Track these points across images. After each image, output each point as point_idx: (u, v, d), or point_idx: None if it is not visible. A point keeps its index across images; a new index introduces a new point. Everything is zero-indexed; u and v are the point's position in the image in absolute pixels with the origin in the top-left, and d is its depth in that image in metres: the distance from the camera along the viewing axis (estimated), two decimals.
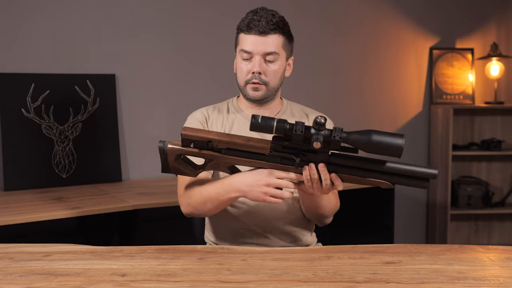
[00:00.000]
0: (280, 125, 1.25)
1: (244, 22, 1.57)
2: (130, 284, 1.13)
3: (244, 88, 1.60)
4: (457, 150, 3.56)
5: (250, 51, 1.55)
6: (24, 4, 2.67)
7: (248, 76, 1.58)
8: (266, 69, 1.57)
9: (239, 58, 1.60)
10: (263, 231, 1.62)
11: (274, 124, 1.26)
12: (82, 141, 2.77)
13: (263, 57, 1.56)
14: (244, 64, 1.58)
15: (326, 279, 1.15)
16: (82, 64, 2.80)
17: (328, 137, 1.25)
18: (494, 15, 3.77)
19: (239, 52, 1.59)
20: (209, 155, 1.36)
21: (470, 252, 1.37)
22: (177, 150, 1.37)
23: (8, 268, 1.24)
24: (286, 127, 1.26)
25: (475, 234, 3.81)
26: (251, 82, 1.57)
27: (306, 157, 1.31)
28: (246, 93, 1.60)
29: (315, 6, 3.36)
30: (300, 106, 1.74)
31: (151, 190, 2.60)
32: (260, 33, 1.54)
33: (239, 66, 1.60)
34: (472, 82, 3.70)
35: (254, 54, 1.56)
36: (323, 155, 1.30)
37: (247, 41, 1.56)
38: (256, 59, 1.55)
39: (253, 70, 1.56)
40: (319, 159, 1.31)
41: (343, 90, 3.50)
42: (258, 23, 1.54)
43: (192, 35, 3.05)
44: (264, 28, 1.54)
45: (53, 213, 2.13)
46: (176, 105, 3.02)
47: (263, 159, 1.34)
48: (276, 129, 1.26)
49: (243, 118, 1.66)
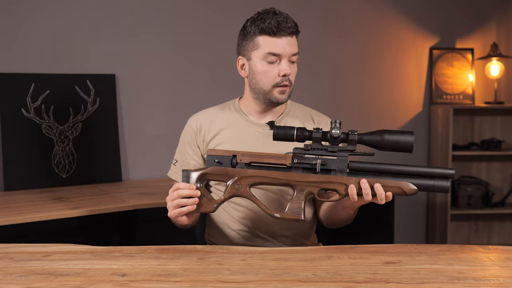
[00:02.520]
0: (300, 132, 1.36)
1: (271, 24, 1.50)
2: (130, 284, 1.13)
3: (271, 91, 1.56)
4: (457, 150, 3.56)
5: (280, 53, 1.52)
6: (24, 4, 2.67)
7: (278, 79, 1.54)
8: (292, 70, 1.56)
9: (262, 62, 1.54)
10: (265, 235, 1.61)
11: (295, 132, 1.36)
12: (82, 141, 2.77)
13: (289, 59, 1.54)
14: (270, 68, 1.54)
15: (326, 279, 1.15)
16: (82, 64, 2.80)
17: (344, 138, 1.35)
18: (494, 15, 3.77)
19: (263, 55, 1.53)
20: (232, 171, 1.38)
21: (470, 252, 1.37)
22: (201, 172, 1.39)
23: (8, 268, 1.24)
24: (305, 134, 1.36)
25: (475, 234, 3.81)
26: (281, 85, 1.54)
27: (327, 165, 1.36)
28: (272, 96, 1.56)
29: (315, 7, 3.36)
30: (304, 107, 1.72)
31: (151, 190, 2.60)
32: (290, 35, 1.53)
33: (263, 70, 1.54)
34: (472, 82, 3.70)
35: (283, 56, 1.53)
36: (342, 161, 1.36)
37: (277, 44, 1.51)
38: (285, 60, 1.53)
39: (285, 73, 1.53)
40: (339, 166, 1.36)
41: (343, 90, 3.50)
42: (286, 24, 1.51)
43: (192, 35, 3.05)
44: (293, 29, 1.53)
45: (53, 213, 2.13)
46: (176, 105, 3.02)
47: (285, 171, 1.38)
48: (296, 136, 1.36)
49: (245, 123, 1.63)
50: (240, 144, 1.58)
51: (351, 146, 1.36)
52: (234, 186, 1.38)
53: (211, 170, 1.39)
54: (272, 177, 1.37)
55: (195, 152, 1.64)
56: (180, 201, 1.37)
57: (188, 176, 1.39)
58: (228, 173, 1.38)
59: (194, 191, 1.37)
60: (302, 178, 1.36)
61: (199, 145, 1.64)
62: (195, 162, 1.64)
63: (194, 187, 1.37)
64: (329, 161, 1.36)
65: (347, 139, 1.35)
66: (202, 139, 1.64)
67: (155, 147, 2.99)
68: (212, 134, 1.63)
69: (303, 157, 1.37)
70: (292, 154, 1.37)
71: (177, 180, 1.65)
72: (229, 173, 1.38)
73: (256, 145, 1.58)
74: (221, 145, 1.61)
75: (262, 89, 1.57)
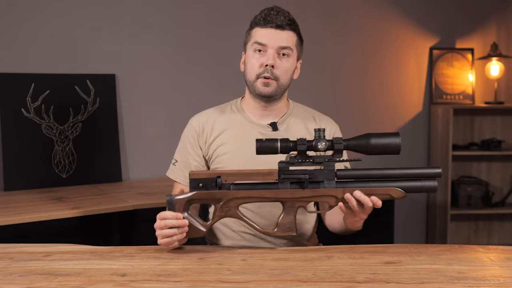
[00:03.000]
0: (283, 144, 1.32)
1: (261, 15, 1.56)
2: (130, 284, 1.13)
3: (254, 82, 1.56)
4: (457, 150, 3.56)
5: (265, 43, 1.54)
6: (24, 4, 2.67)
7: (260, 69, 1.55)
8: (279, 64, 1.55)
9: (250, 51, 1.57)
10: (266, 236, 1.60)
11: (278, 144, 1.32)
12: (82, 141, 2.77)
13: (277, 52, 1.54)
14: (256, 57, 1.55)
15: (326, 279, 1.15)
16: (82, 64, 2.80)
17: (330, 146, 1.32)
18: (494, 15, 3.77)
19: (252, 45, 1.56)
20: (219, 193, 1.34)
21: (470, 252, 1.37)
22: (186, 198, 1.34)
23: (8, 268, 1.24)
24: (290, 145, 1.32)
25: (475, 234, 3.81)
26: (263, 76, 1.55)
27: (314, 175, 1.34)
28: (256, 88, 1.57)
29: (315, 6, 3.36)
30: (306, 108, 1.71)
31: (151, 190, 2.60)
32: (277, 27, 1.53)
33: (250, 61, 1.57)
34: (472, 82, 3.70)
35: (268, 47, 1.54)
36: (329, 172, 1.33)
37: (263, 34, 1.54)
38: (270, 52, 1.54)
39: (267, 63, 1.53)
40: (327, 176, 1.33)
41: (343, 90, 3.50)
42: (275, 16, 1.54)
43: (192, 35, 3.05)
44: (282, 22, 1.53)
45: (53, 213, 2.13)
46: (176, 105, 3.02)
47: (272, 187, 1.35)
48: (280, 149, 1.32)
49: (247, 124, 1.63)
50: (243, 145, 1.58)
51: (337, 155, 1.33)
52: (223, 208, 1.35)
53: (196, 195, 1.34)
54: (261, 197, 1.34)
55: (197, 153, 1.64)
56: (169, 231, 1.33)
57: (172, 203, 1.34)
58: (215, 196, 1.34)
59: (181, 221, 1.32)
60: (291, 195, 1.34)
61: (201, 146, 1.64)
62: (197, 163, 1.64)
63: (181, 216, 1.32)
64: (316, 172, 1.34)
65: (333, 147, 1.33)
66: (204, 140, 1.63)
67: (155, 147, 2.99)
68: (215, 135, 1.62)
69: (289, 170, 1.34)
70: (278, 169, 1.34)
71: (176, 180, 1.65)
72: (216, 196, 1.34)
73: None
74: (223, 145, 1.61)
75: (248, 80, 1.59)
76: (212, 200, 1.35)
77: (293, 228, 1.35)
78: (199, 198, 1.34)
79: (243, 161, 1.56)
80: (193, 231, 1.35)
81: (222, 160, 1.60)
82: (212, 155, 1.62)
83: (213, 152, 1.62)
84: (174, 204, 1.34)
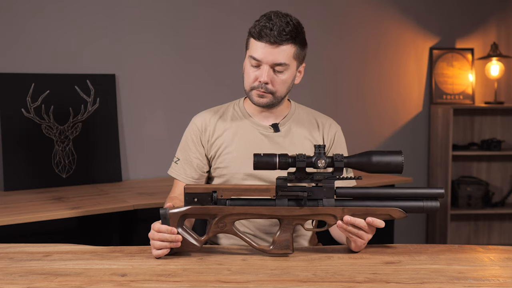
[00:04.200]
0: (282, 160, 1.28)
1: (256, 28, 1.49)
2: (130, 284, 1.13)
3: (250, 92, 1.56)
4: (457, 150, 3.56)
5: (259, 59, 1.50)
6: (24, 4, 2.67)
7: (255, 83, 1.53)
8: (274, 79, 1.52)
9: (248, 62, 1.55)
10: (267, 236, 1.60)
11: (277, 159, 1.28)
12: (82, 141, 2.77)
13: (271, 67, 1.51)
14: (252, 70, 1.53)
15: (326, 279, 1.15)
16: (82, 64, 2.80)
17: (330, 163, 1.28)
18: (494, 15, 3.78)
19: (248, 56, 1.54)
20: (214, 209, 1.31)
21: (470, 252, 1.37)
22: (180, 213, 1.32)
23: (8, 268, 1.24)
24: (289, 160, 1.28)
25: (475, 234, 3.81)
26: (257, 89, 1.53)
27: (313, 194, 1.31)
28: (251, 98, 1.56)
29: (315, 6, 3.36)
30: (308, 110, 1.70)
31: (151, 190, 2.60)
32: (271, 43, 1.48)
33: (247, 71, 1.55)
34: (472, 82, 3.70)
35: (263, 63, 1.50)
36: (329, 190, 1.30)
37: (257, 49, 1.50)
38: (265, 68, 1.50)
39: (260, 79, 1.51)
40: (326, 194, 1.31)
41: (343, 90, 3.50)
42: (270, 32, 1.47)
43: (192, 35, 3.05)
44: (276, 39, 1.47)
45: (53, 213, 2.13)
46: (176, 105, 3.02)
47: (269, 204, 1.32)
48: (279, 164, 1.28)
49: (249, 124, 1.62)
50: (244, 145, 1.59)
51: (337, 173, 1.30)
52: (218, 224, 1.32)
53: (191, 210, 1.31)
54: (257, 213, 1.31)
55: (199, 151, 1.64)
56: (162, 244, 1.30)
57: (167, 217, 1.31)
58: (210, 212, 1.31)
59: (175, 236, 1.29)
60: (288, 213, 1.31)
61: (204, 145, 1.64)
62: (198, 161, 1.64)
63: (176, 231, 1.30)
64: (315, 189, 1.31)
65: (333, 165, 1.28)
66: (207, 139, 1.63)
67: (155, 147, 2.99)
68: (217, 134, 1.63)
69: (287, 187, 1.30)
70: (276, 186, 1.30)
71: (177, 178, 1.65)
72: (211, 212, 1.31)
73: (260, 147, 1.58)
74: (225, 145, 1.61)
75: (245, 88, 1.57)
76: (207, 215, 1.32)
77: (290, 246, 1.32)
78: (194, 213, 1.32)
79: (245, 161, 1.56)
80: (186, 246, 1.32)
81: (224, 159, 1.61)
82: (214, 155, 1.63)
83: (216, 152, 1.62)
84: (168, 219, 1.31)
